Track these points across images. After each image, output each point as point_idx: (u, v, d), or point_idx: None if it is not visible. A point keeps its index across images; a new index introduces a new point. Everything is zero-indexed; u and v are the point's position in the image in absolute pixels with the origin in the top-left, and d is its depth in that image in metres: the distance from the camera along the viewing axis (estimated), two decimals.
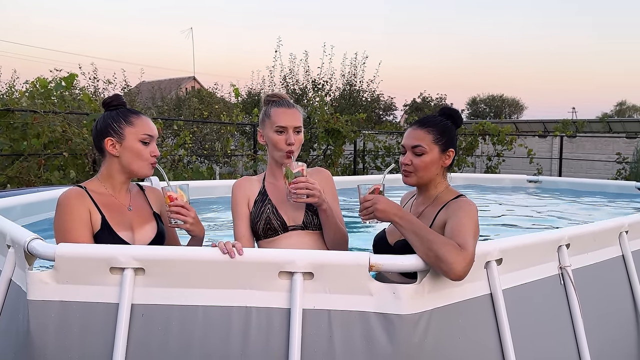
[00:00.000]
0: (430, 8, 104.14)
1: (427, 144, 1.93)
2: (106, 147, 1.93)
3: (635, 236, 2.72)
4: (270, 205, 2.14)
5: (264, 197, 2.17)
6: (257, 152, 9.58)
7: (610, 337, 2.45)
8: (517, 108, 47.94)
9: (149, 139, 1.96)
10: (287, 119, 2.12)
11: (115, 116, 1.95)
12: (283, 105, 2.16)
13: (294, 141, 2.11)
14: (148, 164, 1.96)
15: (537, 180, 5.67)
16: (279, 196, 2.15)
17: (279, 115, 2.12)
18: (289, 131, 2.11)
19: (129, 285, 1.64)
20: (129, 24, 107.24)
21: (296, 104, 2.21)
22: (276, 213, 2.13)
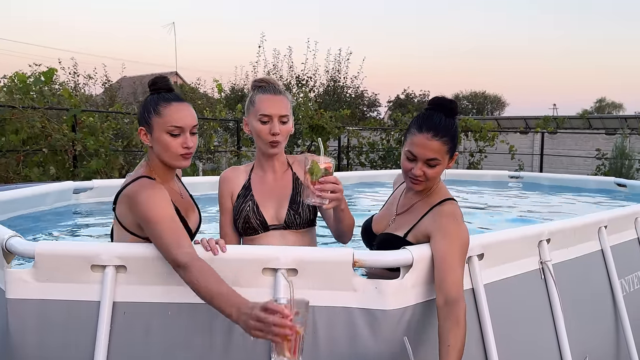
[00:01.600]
0: (413, 5, 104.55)
1: (442, 156, 1.83)
2: (140, 135, 1.83)
3: (613, 231, 2.77)
4: (252, 202, 2.01)
5: (247, 192, 2.03)
6: (241, 148, 9.53)
7: (590, 329, 2.50)
8: (499, 105, 48.44)
9: (178, 130, 1.76)
10: (271, 106, 1.96)
11: (149, 104, 1.81)
12: (269, 92, 1.99)
13: (279, 131, 1.96)
14: (178, 155, 1.78)
15: (518, 176, 5.75)
16: (264, 191, 2.03)
17: (264, 103, 1.96)
18: (273, 120, 1.95)
19: (111, 283, 1.63)
20: (110, 18, 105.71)
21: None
22: (256, 211, 2.00)
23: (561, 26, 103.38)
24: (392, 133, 12.40)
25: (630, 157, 9.84)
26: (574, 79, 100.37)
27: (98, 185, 3.75)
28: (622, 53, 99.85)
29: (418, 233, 1.85)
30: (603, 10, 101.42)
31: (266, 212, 2.01)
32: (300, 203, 2.00)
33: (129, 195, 1.71)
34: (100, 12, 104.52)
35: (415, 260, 1.72)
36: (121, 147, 7.61)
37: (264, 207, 2.01)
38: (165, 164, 1.83)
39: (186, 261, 1.52)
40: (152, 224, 1.61)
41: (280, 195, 2.03)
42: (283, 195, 2.03)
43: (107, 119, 7.91)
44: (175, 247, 1.55)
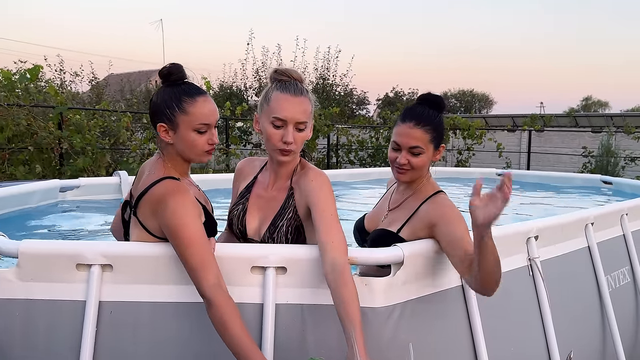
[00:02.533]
0: (401, 4, 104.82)
1: (425, 145, 1.85)
2: (160, 132, 1.68)
3: (600, 228, 2.80)
4: (242, 207, 1.84)
5: (246, 194, 1.87)
6: (230, 146, 9.49)
7: (577, 325, 2.52)
8: (487, 103, 48.78)
9: (206, 127, 1.67)
10: (288, 109, 1.68)
11: (170, 99, 1.65)
12: (289, 91, 1.70)
13: (292, 140, 1.68)
14: (204, 151, 1.70)
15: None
16: (259, 197, 1.84)
17: (280, 103, 1.68)
18: (288, 126, 1.68)
19: (96, 282, 1.60)
20: (97, 14, 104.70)
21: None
22: (241, 218, 1.82)
23: (548, 26, 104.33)
24: (381, 131, 12.42)
25: (616, 154, 9.95)
26: (561, 77, 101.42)
27: (85, 183, 3.70)
28: (608, 52, 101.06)
29: (414, 226, 1.84)
30: (589, 10, 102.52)
31: (251, 222, 1.82)
32: (278, 226, 1.76)
33: (155, 200, 1.58)
34: (87, 9, 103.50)
35: (406, 257, 1.72)
36: (108, 145, 7.54)
37: (250, 216, 1.82)
38: (186, 160, 1.74)
39: (210, 296, 1.48)
40: (182, 243, 1.53)
41: (268, 208, 1.81)
42: (271, 209, 1.80)
43: (94, 116, 7.83)
44: (201, 277, 1.50)
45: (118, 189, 3.77)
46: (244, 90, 16.69)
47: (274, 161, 1.81)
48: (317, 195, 1.68)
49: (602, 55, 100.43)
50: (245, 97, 16.37)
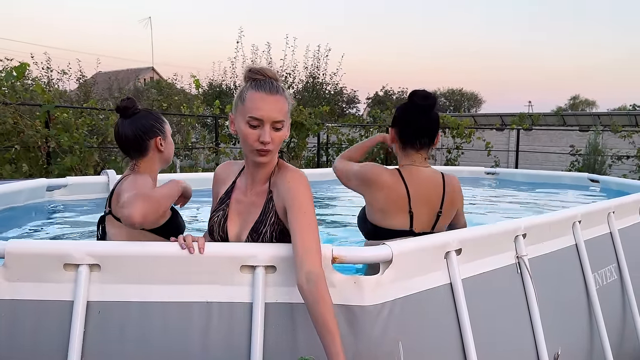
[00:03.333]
0: (392, 4, 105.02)
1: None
2: (157, 145, 2.03)
3: (587, 226, 2.82)
4: (223, 212, 1.80)
5: (225, 199, 1.83)
6: (219, 145, 9.45)
7: (564, 322, 2.54)
8: (476, 102, 49.07)
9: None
10: (264, 108, 1.62)
11: (156, 121, 2.05)
12: (263, 89, 1.64)
13: (269, 139, 1.63)
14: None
15: (494, 172, 5.82)
16: (239, 202, 1.80)
17: (256, 102, 1.63)
18: (264, 125, 1.63)
19: (84, 282, 1.59)
20: (85, 11, 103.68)
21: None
22: (222, 224, 1.78)
23: (536, 26, 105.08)
24: (371, 130, 12.45)
25: (603, 153, 10.05)
26: (549, 77, 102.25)
27: (72, 182, 3.67)
28: (596, 52, 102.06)
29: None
30: (576, 12, 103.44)
31: (231, 228, 1.79)
32: (261, 233, 1.73)
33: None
34: (74, 7, 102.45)
35: (395, 255, 1.72)
36: (96, 143, 7.48)
37: (231, 222, 1.78)
38: (163, 163, 1.94)
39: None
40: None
41: (248, 214, 1.77)
42: (251, 214, 1.76)
43: (81, 115, 7.76)
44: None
45: (106, 187, 3.74)
46: (233, 89, 16.64)
47: (250, 164, 1.76)
48: (294, 197, 1.63)
49: (590, 55, 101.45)
50: (234, 96, 16.32)
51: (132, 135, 1.99)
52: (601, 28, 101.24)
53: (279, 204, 1.71)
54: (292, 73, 16.20)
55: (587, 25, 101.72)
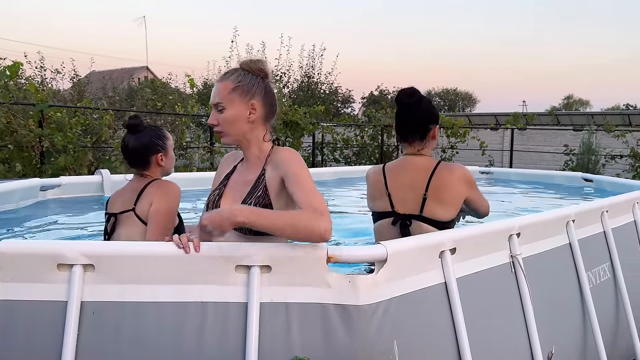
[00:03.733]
0: (387, 3, 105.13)
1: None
2: (157, 160, 2.26)
3: (581, 225, 2.84)
4: (219, 192, 1.91)
5: (224, 181, 1.95)
6: (214, 145, 9.43)
7: (558, 321, 2.55)
8: (470, 101, 49.24)
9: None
10: (211, 95, 1.85)
11: (157, 138, 2.27)
12: (218, 79, 1.89)
13: (214, 121, 1.83)
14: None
15: (489, 172, 5.84)
16: (235, 182, 1.91)
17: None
18: (213, 110, 1.85)
19: (78, 282, 1.58)
20: (79, 10, 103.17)
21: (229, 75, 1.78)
22: (216, 202, 1.87)
23: (530, 27, 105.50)
24: (366, 129, 12.45)
25: (597, 152, 10.10)
26: (543, 77, 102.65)
27: (66, 182, 3.66)
28: (589, 52, 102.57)
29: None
30: (570, 12, 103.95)
31: (224, 204, 1.86)
32: (246, 204, 1.77)
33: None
34: (68, 6, 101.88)
35: (390, 255, 1.72)
36: (90, 143, 7.44)
37: (225, 199, 1.87)
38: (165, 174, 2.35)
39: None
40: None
41: (240, 192, 1.85)
42: (242, 192, 1.84)
43: (75, 114, 7.71)
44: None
45: (100, 187, 3.73)
46: None
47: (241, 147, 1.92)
48: (289, 165, 1.74)
49: (584, 55, 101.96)
50: None
51: (136, 150, 2.22)
52: (595, 28, 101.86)
53: (271, 178, 1.80)
54: (287, 72, 16.19)
55: (582, 25, 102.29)
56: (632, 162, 9.60)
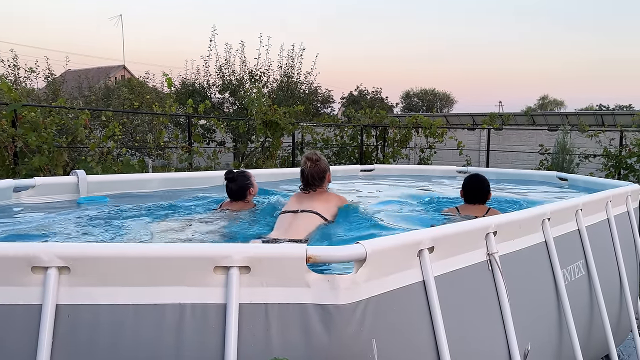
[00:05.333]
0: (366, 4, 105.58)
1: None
2: (251, 194, 3.44)
3: (556, 223, 2.89)
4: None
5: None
6: (193, 144, 9.34)
7: (534, 318, 2.60)
8: (448, 102, 49.72)
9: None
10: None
11: (248, 179, 3.44)
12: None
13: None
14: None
15: (466, 171, 5.90)
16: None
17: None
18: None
19: (53, 285, 1.55)
20: (52, 8, 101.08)
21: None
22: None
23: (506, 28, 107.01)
24: (345, 129, 12.48)
25: (571, 152, 10.28)
26: (519, 77, 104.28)
27: (40, 183, 3.58)
28: (564, 53, 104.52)
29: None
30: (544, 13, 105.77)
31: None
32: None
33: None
34: (43, 2, 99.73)
35: (369, 254, 1.73)
36: (65, 143, 7.30)
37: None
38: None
39: None
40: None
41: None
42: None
43: (50, 114, 7.56)
44: None
45: (76, 188, 3.67)
46: (206, 88, 16.43)
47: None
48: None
49: (558, 56, 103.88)
50: (208, 95, 16.12)
51: (238, 192, 3.40)
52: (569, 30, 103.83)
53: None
54: (267, 72, 16.11)
55: (556, 27, 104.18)
56: (605, 161, 9.81)
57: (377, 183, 5.51)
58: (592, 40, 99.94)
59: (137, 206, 3.46)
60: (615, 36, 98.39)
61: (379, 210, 3.67)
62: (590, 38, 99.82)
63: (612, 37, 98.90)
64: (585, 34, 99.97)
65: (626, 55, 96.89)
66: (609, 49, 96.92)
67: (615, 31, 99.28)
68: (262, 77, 15.95)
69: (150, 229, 2.95)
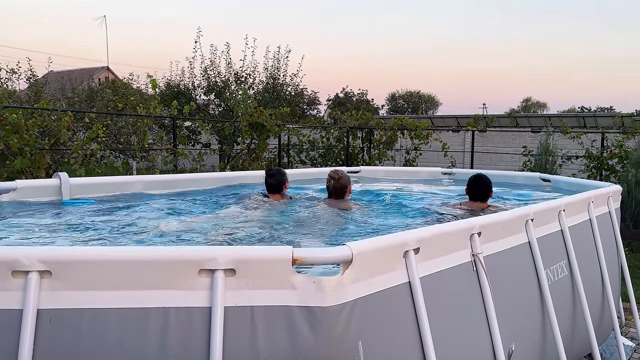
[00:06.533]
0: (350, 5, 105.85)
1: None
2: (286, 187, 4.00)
3: (539, 224, 2.92)
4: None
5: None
6: (178, 146, 9.27)
7: (519, 318, 2.62)
8: (433, 104, 50.10)
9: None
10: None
11: (284, 176, 4.00)
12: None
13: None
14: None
15: (450, 173, 5.95)
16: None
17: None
18: None
19: (34, 290, 1.53)
20: (35, 8, 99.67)
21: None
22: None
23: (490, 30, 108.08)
24: (331, 131, 12.50)
25: (554, 153, 10.39)
26: (503, 79, 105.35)
27: (22, 185, 3.52)
28: (547, 56, 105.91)
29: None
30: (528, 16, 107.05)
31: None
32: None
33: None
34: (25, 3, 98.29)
35: (355, 256, 1.73)
36: (48, 145, 7.19)
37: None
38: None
39: None
40: None
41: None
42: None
43: (32, 115, 7.44)
44: None
45: (58, 191, 3.62)
46: (192, 89, 16.32)
47: None
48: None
49: (541, 58, 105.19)
50: (193, 96, 16.02)
51: (276, 186, 3.93)
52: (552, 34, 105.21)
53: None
54: (252, 74, 16.06)
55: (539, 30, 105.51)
56: (587, 162, 9.94)
57: (363, 184, 5.52)
58: (574, 42, 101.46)
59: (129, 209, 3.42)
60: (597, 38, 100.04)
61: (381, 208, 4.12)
62: (572, 40, 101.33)
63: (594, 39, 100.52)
64: (567, 36, 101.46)
65: (607, 57, 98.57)
66: (590, 51, 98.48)
67: (596, 33, 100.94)
68: (248, 78, 15.91)
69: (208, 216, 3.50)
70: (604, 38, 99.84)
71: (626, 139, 9.73)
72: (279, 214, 3.71)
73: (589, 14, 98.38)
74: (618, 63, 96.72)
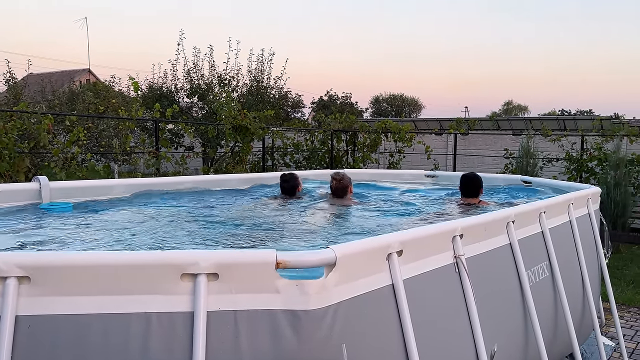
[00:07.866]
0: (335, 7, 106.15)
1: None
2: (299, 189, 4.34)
3: (520, 225, 2.96)
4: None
5: None
6: (160, 149, 9.19)
7: (501, 319, 2.65)
8: (416, 107, 50.46)
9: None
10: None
11: (296, 180, 4.35)
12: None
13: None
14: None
15: (433, 175, 6.00)
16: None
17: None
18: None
19: (12, 296, 1.50)
20: (14, 9, 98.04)
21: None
22: None
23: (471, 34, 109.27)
24: (316, 134, 12.50)
25: (535, 156, 10.53)
26: (484, 83, 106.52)
27: (1, 189, 3.46)
28: (528, 59, 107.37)
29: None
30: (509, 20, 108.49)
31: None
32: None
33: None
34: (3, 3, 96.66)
35: (339, 258, 1.73)
36: (27, 148, 7.08)
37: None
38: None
39: None
40: None
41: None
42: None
43: (11, 118, 7.31)
44: None
45: (38, 195, 3.56)
46: (174, 92, 16.19)
47: None
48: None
49: (522, 62, 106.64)
50: (176, 99, 15.89)
51: (290, 189, 4.32)
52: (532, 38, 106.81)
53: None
54: (236, 77, 15.99)
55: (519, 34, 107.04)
56: (567, 164, 10.10)
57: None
58: (554, 46, 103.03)
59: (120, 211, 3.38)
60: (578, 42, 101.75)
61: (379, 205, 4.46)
62: (552, 44, 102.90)
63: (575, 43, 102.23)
64: (547, 40, 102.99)
65: (587, 61, 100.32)
66: (570, 55, 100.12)
67: (577, 37, 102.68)
68: (232, 81, 15.84)
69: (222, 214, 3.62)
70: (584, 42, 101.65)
71: (605, 142, 9.92)
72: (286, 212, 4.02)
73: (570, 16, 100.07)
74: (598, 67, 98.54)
